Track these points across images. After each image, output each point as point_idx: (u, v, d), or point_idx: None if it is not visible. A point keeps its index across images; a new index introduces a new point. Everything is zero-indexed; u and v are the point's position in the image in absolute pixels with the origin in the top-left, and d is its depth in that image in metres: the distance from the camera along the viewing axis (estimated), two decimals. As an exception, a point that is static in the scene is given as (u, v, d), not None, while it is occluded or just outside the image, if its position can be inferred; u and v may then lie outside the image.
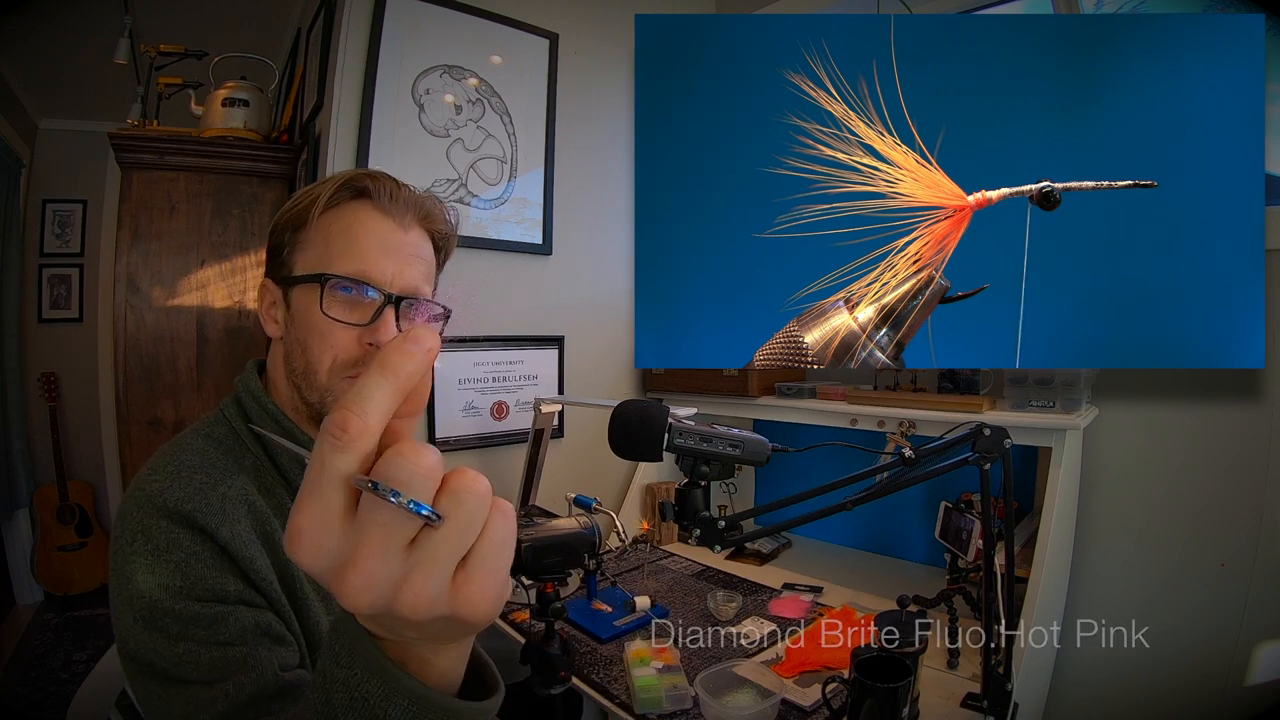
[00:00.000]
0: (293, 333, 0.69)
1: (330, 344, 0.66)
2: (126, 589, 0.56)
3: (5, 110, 2.80)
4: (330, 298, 0.66)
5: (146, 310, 1.97)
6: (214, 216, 2.04)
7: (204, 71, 2.16)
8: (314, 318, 0.66)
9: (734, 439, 0.84)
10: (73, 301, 3.28)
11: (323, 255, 0.67)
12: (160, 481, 0.60)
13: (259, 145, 2.09)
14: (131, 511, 0.59)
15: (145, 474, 0.62)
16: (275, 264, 0.71)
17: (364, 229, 0.67)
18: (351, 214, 0.68)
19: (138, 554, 0.57)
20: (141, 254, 1.96)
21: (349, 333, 0.66)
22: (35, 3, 2.22)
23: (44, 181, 3.19)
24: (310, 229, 0.68)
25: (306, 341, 0.67)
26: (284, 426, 0.69)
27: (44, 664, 2.51)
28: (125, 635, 0.56)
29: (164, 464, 0.62)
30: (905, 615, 0.98)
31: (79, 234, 3.27)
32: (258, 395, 0.70)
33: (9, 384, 2.90)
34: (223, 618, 0.57)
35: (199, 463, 0.63)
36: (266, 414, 0.69)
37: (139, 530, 0.57)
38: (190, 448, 0.65)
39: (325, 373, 0.67)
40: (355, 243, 0.67)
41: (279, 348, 0.71)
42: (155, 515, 0.58)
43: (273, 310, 0.71)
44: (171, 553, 0.57)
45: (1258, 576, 1.22)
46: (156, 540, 0.57)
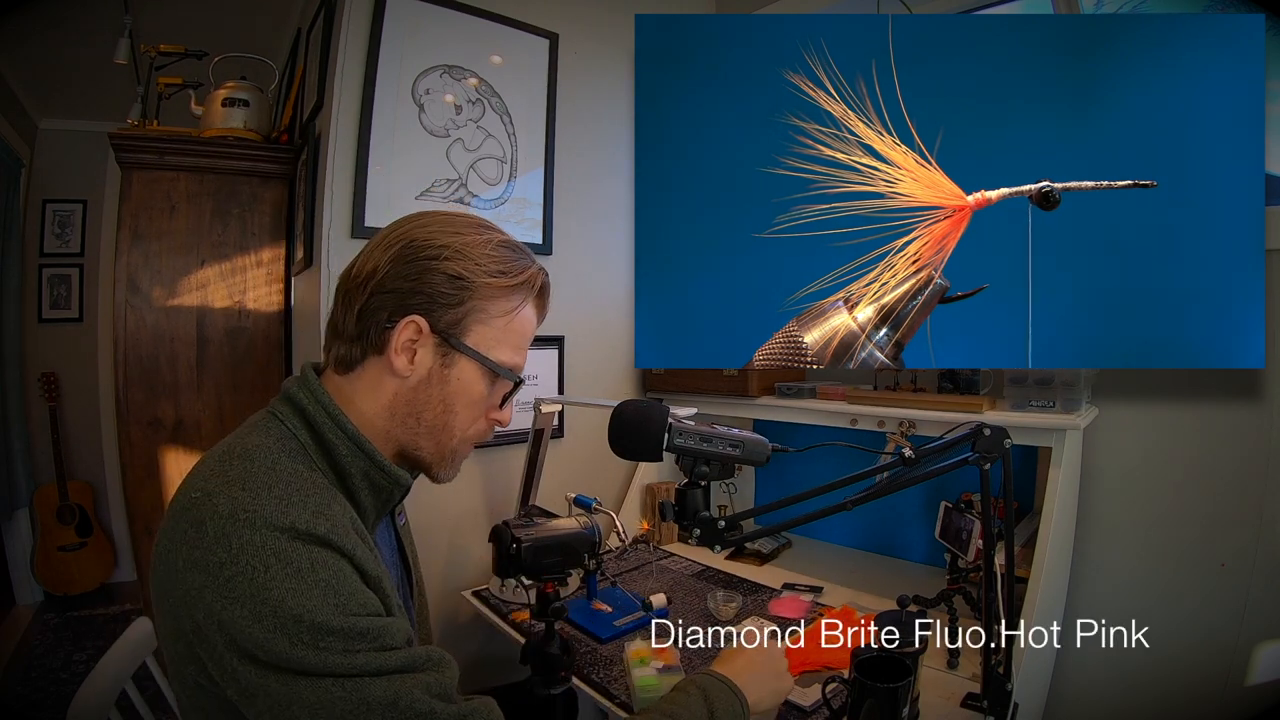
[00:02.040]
0: (437, 389, 0.69)
1: (474, 417, 0.73)
2: (272, 617, 0.53)
3: (5, 110, 2.80)
4: (500, 386, 0.73)
5: (146, 310, 1.97)
6: (214, 216, 2.04)
7: (204, 71, 2.16)
8: (476, 393, 0.71)
9: (734, 439, 0.84)
10: (73, 301, 3.29)
11: (498, 340, 0.71)
12: (272, 504, 0.57)
13: (259, 145, 2.09)
14: (248, 538, 0.54)
15: (245, 496, 0.57)
16: (440, 313, 0.68)
17: (531, 330, 0.75)
18: (530, 313, 0.74)
19: (276, 579, 0.53)
20: (141, 254, 1.96)
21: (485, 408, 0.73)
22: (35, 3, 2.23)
23: (44, 181, 3.20)
24: (498, 306, 0.71)
25: (454, 406, 0.71)
26: (365, 450, 0.68)
27: (44, 664, 2.51)
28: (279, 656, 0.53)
29: (263, 484, 0.58)
30: (905, 615, 0.98)
31: (79, 234, 3.28)
32: (334, 414, 0.67)
33: (9, 384, 2.90)
34: (386, 629, 0.58)
35: (301, 484, 0.61)
36: (344, 435, 0.67)
37: (271, 555, 0.54)
38: (281, 467, 0.61)
39: (458, 440, 0.72)
40: (524, 341, 0.74)
41: (393, 383, 0.69)
42: (286, 538, 0.55)
43: (412, 349, 0.68)
44: (318, 572, 0.55)
45: (1258, 577, 1.22)
46: (297, 563, 0.55)
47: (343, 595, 0.56)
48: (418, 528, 1.55)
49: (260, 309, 2.09)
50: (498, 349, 0.71)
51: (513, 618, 1.38)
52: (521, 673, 1.14)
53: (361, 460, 0.67)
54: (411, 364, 0.68)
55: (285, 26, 2.44)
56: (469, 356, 0.69)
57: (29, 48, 2.52)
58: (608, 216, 1.92)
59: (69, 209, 3.26)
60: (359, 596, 0.58)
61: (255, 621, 0.53)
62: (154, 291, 1.97)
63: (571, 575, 1.22)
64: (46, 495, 3.03)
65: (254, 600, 0.53)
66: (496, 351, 0.71)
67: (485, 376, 0.71)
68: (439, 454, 0.72)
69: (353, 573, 0.58)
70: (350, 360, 0.69)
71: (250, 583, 0.53)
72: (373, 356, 0.69)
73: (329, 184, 1.48)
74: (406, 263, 0.67)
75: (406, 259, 0.67)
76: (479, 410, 0.72)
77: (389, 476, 0.69)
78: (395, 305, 0.67)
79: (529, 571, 1.13)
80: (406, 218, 0.73)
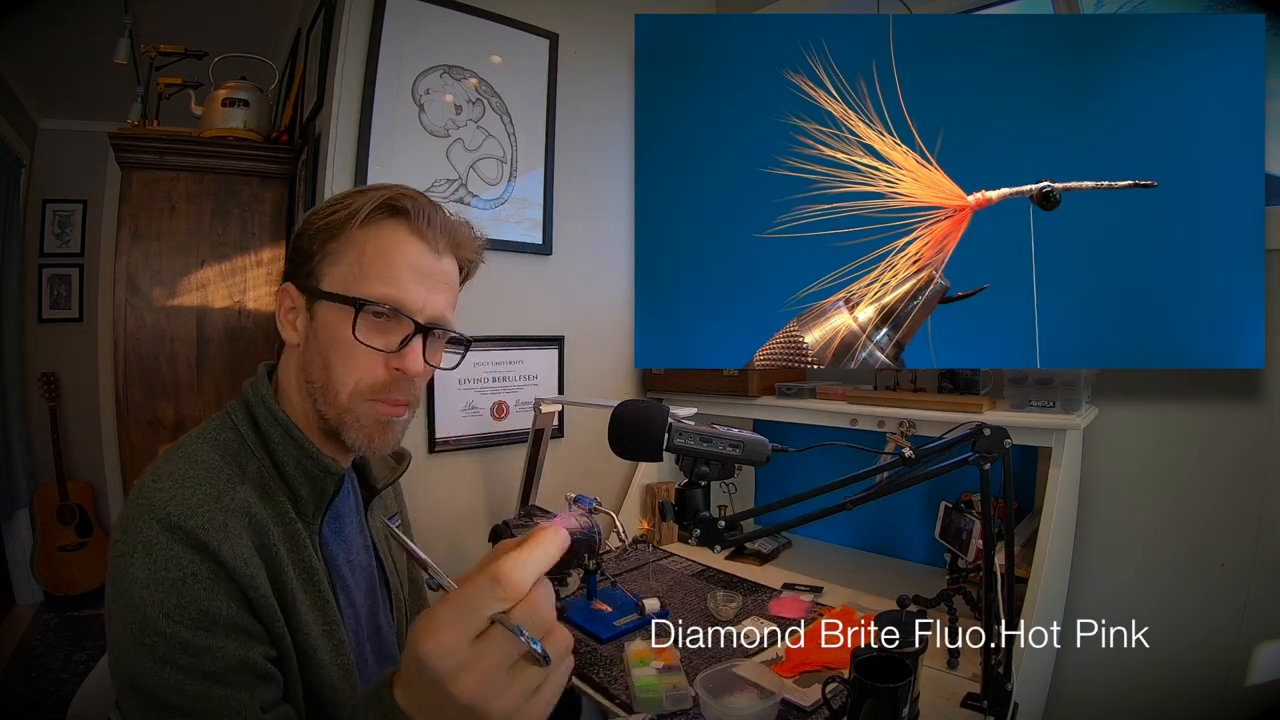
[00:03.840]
0: (314, 345, 0.68)
1: (357, 366, 0.67)
2: (123, 596, 0.56)
3: (5, 110, 2.80)
4: (362, 321, 0.66)
5: (146, 310, 1.97)
6: (214, 216, 2.04)
7: (204, 71, 2.16)
8: (342, 336, 0.66)
9: (734, 439, 0.84)
10: (73, 301, 3.28)
11: (356, 274, 0.67)
12: (165, 491, 0.60)
13: (259, 145, 2.09)
14: (134, 519, 0.59)
15: (150, 480, 0.61)
16: (301, 271, 0.69)
17: (400, 253, 0.68)
18: (390, 235, 0.68)
19: (136, 565, 0.57)
20: (141, 254, 1.96)
21: (376, 356, 0.67)
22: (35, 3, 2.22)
23: (44, 181, 3.19)
24: (343, 241, 0.68)
25: (330, 358, 0.67)
26: (293, 436, 0.68)
27: (44, 664, 2.51)
28: (115, 639, 0.57)
29: (168, 471, 0.62)
30: (905, 615, 0.98)
31: (79, 234, 3.27)
32: (267, 402, 0.69)
33: (9, 384, 2.90)
34: (211, 651, 0.57)
35: (203, 473, 0.62)
36: (276, 422, 0.68)
37: (140, 541, 0.57)
38: (195, 455, 0.64)
39: (349, 394, 0.68)
40: (391, 266, 0.67)
41: (294, 355, 0.70)
42: (157, 528, 0.58)
43: (292, 316, 0.70)
44: (170, 571, 0.57)
45: (1258, 577, 1.22)
46: (156, 555, 0.57)
47: (184, 599, 0.57)
48: (417, 528, 1.56)
49: (260, 309, 2.09)
50: (356, 283, 0.67)
51: (513, 618, 1.38)
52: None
53: (293, 448, 0.68)
54: (296, 330, 0.69)
55: (285, 26, 2.44)
56: (325, 300, 0.67)
57: (29, 48, 2.51)
58: (608, 216, 1.92)
59: (69, 209, 3.26)
60: (202, 603, 0.57)
61: (113, 601, 0.57)
62: (154, 291, 1.97)
63: (571, 575, 1.22)
64: (46, 495, 3.03)
65: (116, 582, 0.57)
66: (357, 286, 0.66)
67: (347, 316, 0.66)
68: (337, 416, 0.68)
69: (209, 576, 0.58)
70: (277, 351, 0.73)
71: (120, 566, 0.57)
72: (281, 341, 0.72)
73: (329, 184, 1.48)
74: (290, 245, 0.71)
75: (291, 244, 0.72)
76: (360, 358, 0.67)
77: (318, 464, 0.69)
78: (279, 284, 0.71)
79: (529, 571, 1.13)
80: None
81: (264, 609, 0.62)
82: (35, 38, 2.43)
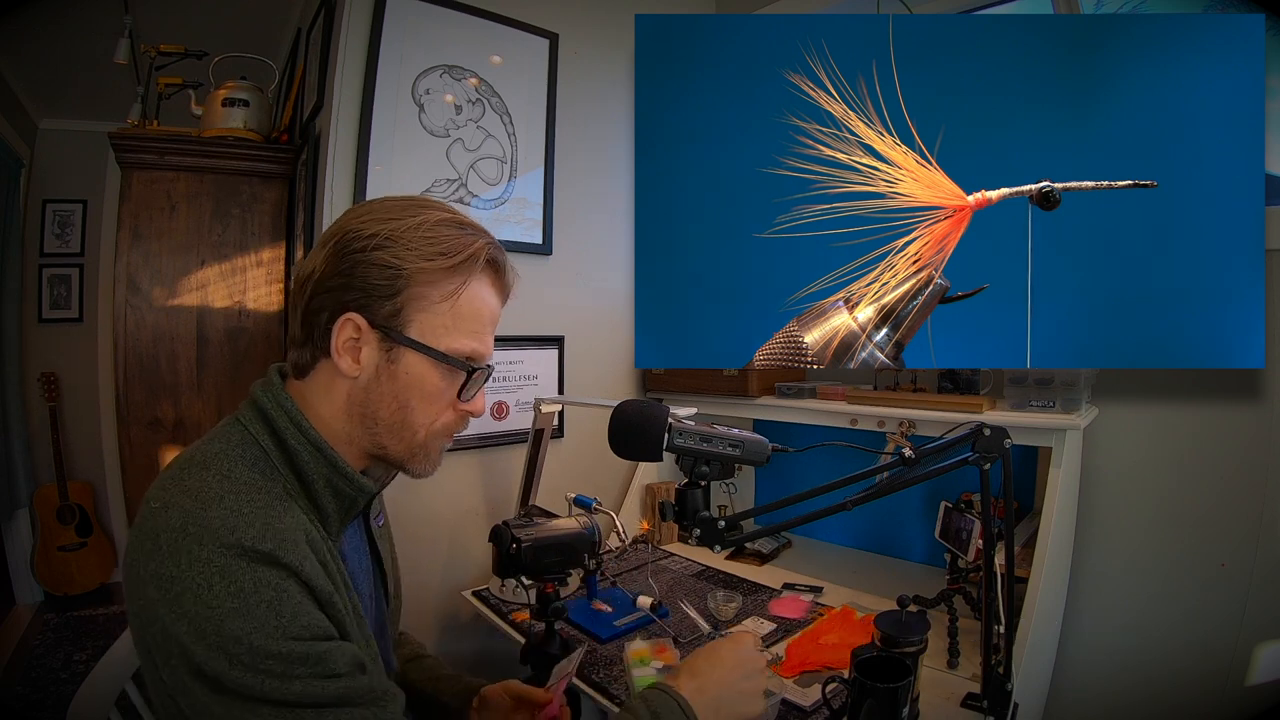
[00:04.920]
0: (388, 385, 0.66)
1: (436, 410, 0.69)
2: (211, 635, 0.52)
3: (5, 110, 2.80)
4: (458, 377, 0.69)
5: (146, 310, 1.97)
6: (214, 216, 2.04)
7: (204, 71, 2.16)
8: (430, 386, 0.67)
9: (734, 439, 0.84)
10: (73, 301, 3.28)
11: (449, 327, 0.67)
12: (221, 516, 0.56)
13: (259, 145, 2.09)
14: (196, 553, 0.54)
15: (196, 508, 0.56)
16: (376, 307, 0.65)
17: (486, 307, 0.70)
18: (481, 290, 0.70)
19: (219, 598, 0.53)
20: (141, 254, 1.96)
21: (452, 401, 0.70)
22: (35, 3, 2.22)
23: (44, 181, 3.20)
24: (435, 289, 0.67)
25: (409, 401, 0.67)
26: (326, 455, 0.66)
27: (44, 664, 2.51)
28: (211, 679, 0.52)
29: (211, 493, 0.58)
30: (905, 615, 0.98)
31: (79, 234, 3.27)
32: (295, 418, 0.66)
33: (9, 384, 2.90)
34: (328, 654, 0.56)
35: (253, 494, 0.59)
36: (307, 441, 0.65)
37: (215, 572, 0.53)
38: (232, 475, 0.60)
39: (425, 434, 0.69)
40: (480, 322, 0.70)
41: (344, 383, 0.67)
42: (229, 554, 0.54)
43: (353, 347, 0.66)
44: (261, 592, 0.54)
45: (1258, 577, 1.22)
46: (240, 581, 0.53)
47: (285, 617, 0.54)
48: (418, 528, 1.56)
49: (260, 309, 2.09)
50: (447, 336, 0.67)
51: (513, 618, 1.38)
52: (521, 673, 1.14)
53: (324, 467, 0.66)
54: (357, 363, 0.66)
55: (285, 26, 2.44)
56: (414, 349, 0.66)
57: (29, 48, 2.52)
58: (608, 216, 1.92)
59: (69, 209, 3.26)
60: (303, 618, 0.56)
61: (199, 639, 0.52)
62: (154, 291, 1.97)
63: (571, 575, 1.22)
64: (46, 495, 3.03)
65: (198, 617, 0.52)
66: (446, 339, 0.67)
67: (437, 367, 0.67)
68: (407, 451, 0.70)
69: (299, 591, 0.57)
70: (303, 365, 0.68)
71: (195, 599, 0.52)
72: (323, 359, 0.67)
73: (329, 184, 1.48)
74: (340, 258, 0.65)
75: (340, 254, 0.65)
76: (440, 403, 0.69)
77: (352, 484, 0.67)
78: (333, 304, 0.65)
79: (529, 571, 1.13)
80: (349, 209, 0.70)
81: (338, 623, 0.60)
82: (35, 38, 2.43)
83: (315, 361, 0.68)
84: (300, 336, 0.67)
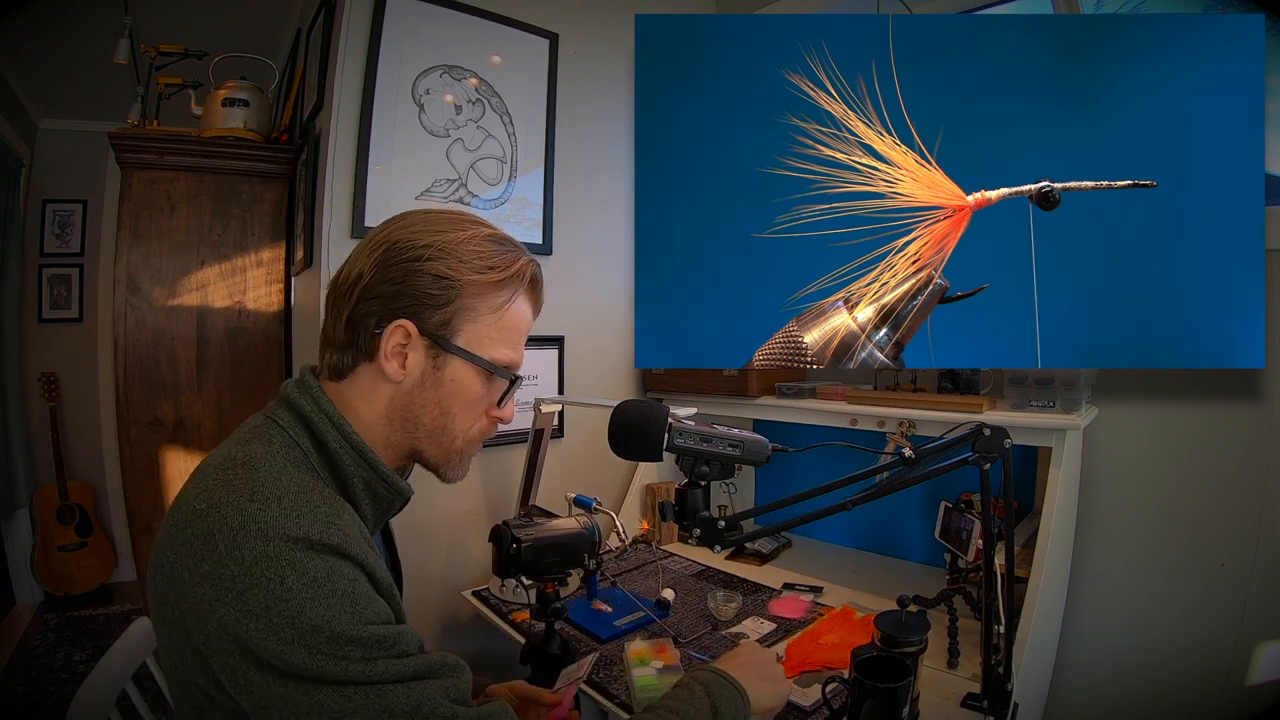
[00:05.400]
0: (433, 392, 0.69)
1: (474, 416, 0.72)
2: (290, 628, 0.53)
3: (5, 110, 2.80)
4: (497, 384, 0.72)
5: (146, 310, 1.97)
6: (214, 216, 2.04)
7: (204, 71, 2.16)
8: (472, 393, 0.70)
9: (734, 439, 0.84)
10: (73, 301, 3.29)
11: (493, 338, 0.70)
12: (282, 515, 0.56)
13: (259, 145, 2.09)
14: (261, 549, 0.54)
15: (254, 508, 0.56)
16: (428, 315, 0.67)
17: (525, 322, 0.74)
18: (523, 306, 0.73)
19: (292, 590, 0.53)
20: (141, 254, 1.96)
21: (487, 407, 0.73)
22: (35, 3, 2.23)
23: (44, 181, 3.20)
24: (483, 301, 0.69)
25: (451, 408, 0.70)
26: (368, 460, 0.67)
27: (44, 664, 2.51)
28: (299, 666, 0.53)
29: (271, 495, 0.57)
30: (905, 615, 0.98)
31: (79, 234, 3.28)
32: (337, 422, 0.67)
33: (9, 384, 2.90)
34: (401, 636, 0.57)
35: (309, 493, 0.59)
36: (349, 445, 0.67)
37: (286, 565, 0.54)
38: (281, 476, 0.60)
39: (464, 440, 0.73)
40: (519, 335, 0.73)
41: (387, 388, 0.68)
42: (300, 549, 0.55)
43: (401, 353, 0.67)
44: (334, 581, 0.55)
45: (1258, 577, 1.22)
46: (313, 572, 0.54)
47: (359, 604, 0.56)
48: (417, 528, 1.56)
49: (260, 309, 2.09)
50: (491, 347, 0.70)
51: (513, 618, 1.38)
52: (521, 673, 1.14)
53: (364, 470, 0.67)
54: (403, 368, 0.67)
55: (285, 26, 2.44)
56: (461, 357, 0.69)
57: (29, 48, 2.52)
58: (608, 216, 1.92)
59: (69, 209, 3.26)
60: (374, 605, 0.57)
61: (273, 633, 0.52)
62: (154, 291, 1.97)
63: (571, 575, 1.22)
64: (46, 495, 3.03)
65: (270, 612, 0.53)
66: (490, 349, 0.70)
67: (480, 376, 0.70)
68: (444, 456, 0.72)
69: (366, 582, 0.58)
70: (343, 368, 0.69)
71: (266, 594, 0.53)
72: (364, 363, 0.68)
73: (329, 184, 1.48)
74: (390, 265, 0.66)
75: (390, 262, 0.66)
76: (478, 410, 0.72)
77: (391, 487, 0.69)
78: (382, 310, 0.66)
79: (529, 571, 1.13)
80: (390, 219, 0.71)
81: (397, 615, 0.62)
82: (35, 38, 2.43)
83: (356, 364, 0.69)
84: (343, 340, 0.68)
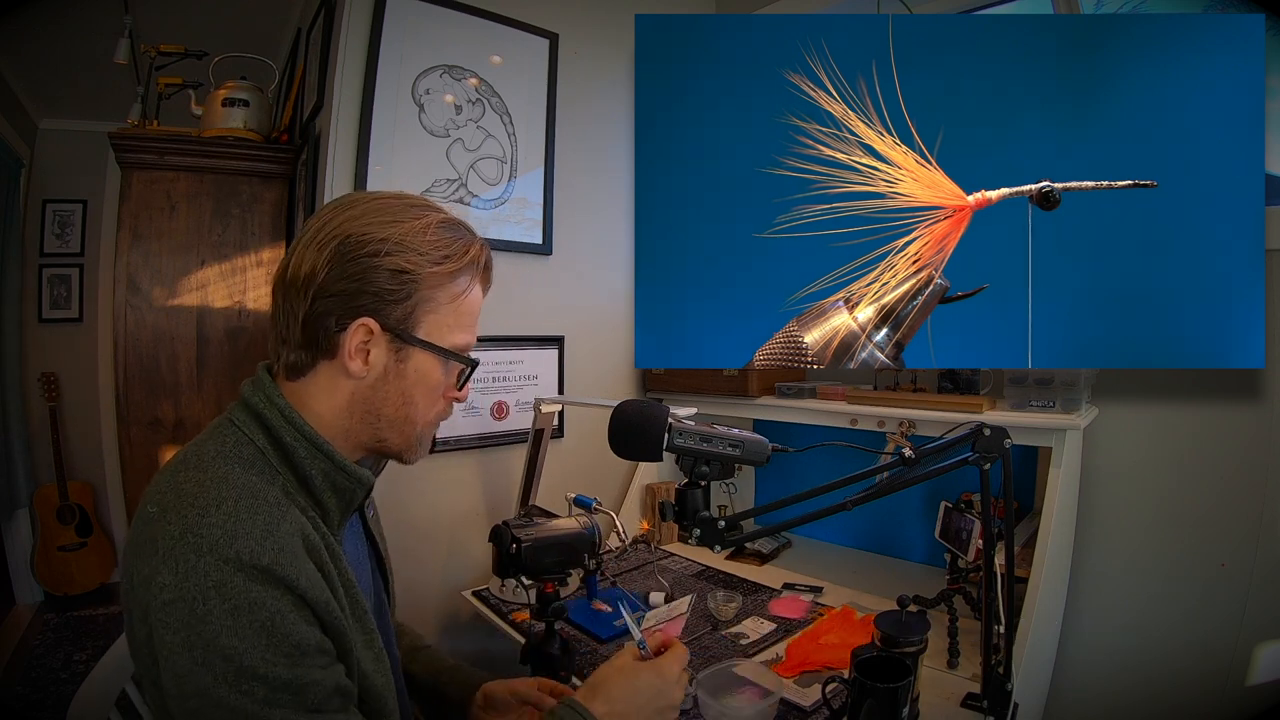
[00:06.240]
0: (395, 384, 0.69)
1: (434, 403, 0.73)
2: (204, 647, 0.52)
3: (5, 110, 2.80)
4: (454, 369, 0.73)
5: (146, 310, 1.97)
6: (214, 216, 2.04)
7: (204, 71, 2.17)
8: (434, 381, 0.71)
9: (734, 439, 0.84)
10: (73, 301, 3.29)
11: (451, 325, 0.71)
12: (220, 526, 0.55)
13: (259, 145, 2.09)
14: (193, 563, 0.53)
15: (194, 515, 0.56)
16: (389, 310, 0.67)
17: (478, 305, 0.75)
18: (476, 291, 0.74)
19: (213, 614, 0.53)
20: (141, 254, 1.97)
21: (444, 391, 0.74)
22: (35, 3, 2.22)
23: (44, 181, 3.20)
24: (441, 291, 0.70)
25: (414, 397, 0.71)
26: (322, 449, 0.66)
27: (44, 664, 2.51)
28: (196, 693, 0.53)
29: (208, 499, 0.57)
30: (905, 615, 0.98)
31: (79, 234, 3.28)
32: (288, 415, 0.66)
33: (9, 384, 2.90)
34: (312, 684, 0.56)
35: (249, 499, 0.58)
36: (301, 436, 0.66)
37: (211, 587, 0.53)
38: (229, 479, 0.59)
39: (423, 425, 0.73)
40: (474, 319, 0.74)
41: (347, 383, 0.68)
42: (228, 569, 0.54)
43: (365, 349, 0.67)
44: (255, 613, 0.54)
45: (1258, 577, 1.22)
46: (235, 600, 0.53)
47: (276, 638, 0.54)
48: (417, 528, 1.56)
49: (260, 309, 2.09)
50: (450, 334, 0.71)
51: (513, 618, 1.38)
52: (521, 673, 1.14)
53: (322, 461, 0.66)
54: (366, 365, 0.67)
55: (285, 26, 2.44)
56: (423, 348, 0.69)
57: (29, 48, 2.52)
58: (608, 216, 1.92)
59: (69, 209, 3.26)
60: (295, 637, 0.56)
61: (185, 650, 0.52)
62: (154, 291, 1.97)
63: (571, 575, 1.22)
64: (46, 495, 3.03)
65: (188, 630, 0.52)
66: (449, 337, 0.71)
67: (441, 363, 0.71)
68: (406, 443, 0.73)
69: (292, 609, 0.56)
70: (300, 366, 0.68)
71: (190, 613, 0.52)
72: (324, 361, 0.67)
73: (329, 184, 1.48)
74: (346, 262, 0.65)
75: (346, 258, 0.65)
76: (437, 395, 0.73)
77: (351, 477, 0.68)
78: (342, 309, 0.65)
79: (529, 571, 1.13)
80: (334, 207, 0.69)
81: (334, 630, 0.61)
82: (35, 38, 2.43)
83: (315, 363, 0.68)
84: (300, 339, 0.67)
